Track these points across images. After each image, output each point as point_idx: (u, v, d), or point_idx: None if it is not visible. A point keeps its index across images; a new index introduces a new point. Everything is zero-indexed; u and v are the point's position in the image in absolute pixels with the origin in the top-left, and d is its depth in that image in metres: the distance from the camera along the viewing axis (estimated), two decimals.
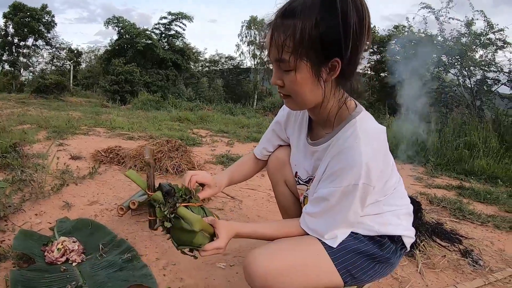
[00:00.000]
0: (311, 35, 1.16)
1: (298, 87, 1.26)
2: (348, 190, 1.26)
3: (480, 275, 2.39)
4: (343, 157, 1.27)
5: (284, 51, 1.20)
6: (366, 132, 1.30)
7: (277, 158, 1.84)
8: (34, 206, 2.78)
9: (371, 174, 1.24)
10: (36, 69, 37.59)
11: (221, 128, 10.06)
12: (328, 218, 1.34)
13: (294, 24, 1.17)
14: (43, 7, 34.28)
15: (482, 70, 10.27)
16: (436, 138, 7.52)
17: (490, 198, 4.37)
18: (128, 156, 4.25)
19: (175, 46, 31.60)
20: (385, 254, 1.44)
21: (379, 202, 1.44)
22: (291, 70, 1.23)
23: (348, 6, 1.12)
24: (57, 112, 11.38)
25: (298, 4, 1.18)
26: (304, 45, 1.17)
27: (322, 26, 1.15)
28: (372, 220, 1.44)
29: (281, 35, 1.19)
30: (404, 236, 1.50)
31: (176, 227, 1.36)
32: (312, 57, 1.19)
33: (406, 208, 1.57)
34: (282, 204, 1.91)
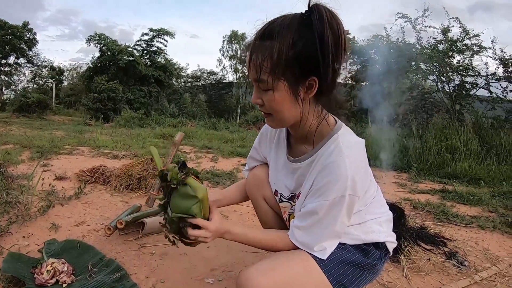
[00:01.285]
0: (288, 55, 1.21)
1: (277, 106, 1.31)
2: (335, 202, 1.30)
3: (465, 275, 2.45)
4: (328, 172, 1.31)
5: (262, 72, 1.25)
6: (348, 146, 1.35)
7: (255, 175, 1.86)
8: (21, 229, 2.79)
9: (356, 186, 1.29)
10: (17, 87, 37.18)
11: (205, 144, 10.06)
12: (316, 230, 1.36)
13: (272, 45, 1.22)
14: (24, 24, 33.98)
15: (460, 75, 10.48)
16: (418, 144, 7.64)
17: (473, 200, 4.48)
18: (113, 176, 4.26)
19: (157, 62, 31.50)
20: (372, 261, 1.49)
21: (361, 212, 1.50)
22: (270, 89, 1.28)
23: (324, 26, 1.18)
24: (40, 132, 11.30)
25: (276, 25, 1.24)
26: (281, 65, 1.22)
27: (298, 46, 1.21)
28: (357, 229, 1.49)
29: (259, 56, 1.25)
30: (387, 242, 1.56)
31: (179, 192, 1.40)
32: (289, 77, 1.25)
33: (386, 215, 1.63)
34: (263, 220, 1.94)
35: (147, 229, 2.81)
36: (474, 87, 10.41)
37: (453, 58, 10.68)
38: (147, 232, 2.82)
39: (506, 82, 9.94)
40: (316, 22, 1.19)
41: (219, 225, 1.43)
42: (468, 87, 10.43)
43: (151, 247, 2.65)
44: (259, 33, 1.28)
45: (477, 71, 10.31)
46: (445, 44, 10.53)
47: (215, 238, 1.44)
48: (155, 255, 2.53)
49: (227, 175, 5.38)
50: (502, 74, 10.00)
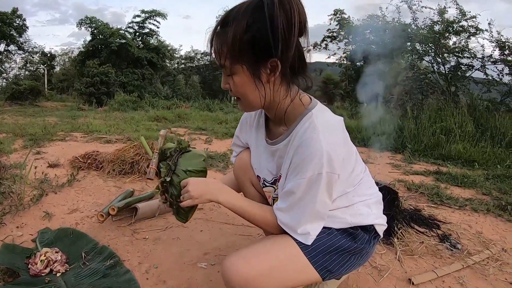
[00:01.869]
0: (243, 39, 1.24)
1: (240, 89, 1.35)
2: (312, 180, 1.29)
3: (458, 259, 2.47)
4: (303, 149, 1.31)
5: (222, 57, 1.30)
6: (323, 123, 1.35)
7: (241, 159, 1.88)
8: (14, 219, 2.78)
9: (333, 162, 1.28)
10: (9, 75, 36.87)
11: (199, 125, 10.06)
12: (297, 210, 1.36)
13: (228, 31, 1.26)
14: (13, 10, 33.55)
15: (456, 56, 10.47)
16: (413, 125, 7.65)
17: (467, 182, 4.49)
18: (106, 161, 4.25)
19: (150, 44, 31.24)
20: (359, 245, 1.50)
21: (348, 194, 1.50)
22: (233, 74, 1.32)
23: (274, 9, 1.19)
24: (33, 119, 11.24)
25: (233, 12, 1.27)
26: (237, 49, 1.25)
27: (253, 29, 1.23)
28: (344, 213, 1.50)
29: (218, 42, 1.30)
30: (376, 225, 1.56)
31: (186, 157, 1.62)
32: (247, 60, 1.28)
33: (376, 197, 1.63)
34: None
35: (140, 214, 2.81)
36: (470, 69, 10.41)
37: (449, 39, 10.67)
38: (140, 217, 2.83)
39: (502, 65, 9.94)
40: (266, 4, 1.21)
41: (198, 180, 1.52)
42: (463, 69, 10.44)
43: (144, 233, 2.66)
44: (218, 21, 1.32)
45: (473, 53, 10.30)
46: (441, 25, 10.49)
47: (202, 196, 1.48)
48: (148, 240, 2.54)
49: (221, 157, 5.37)
50: (498, 57, 10.01)
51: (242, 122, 1.84)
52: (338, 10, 29.41)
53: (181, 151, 1.63)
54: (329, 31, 30.33)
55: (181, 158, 1.61)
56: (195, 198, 1.47)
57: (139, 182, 3.90)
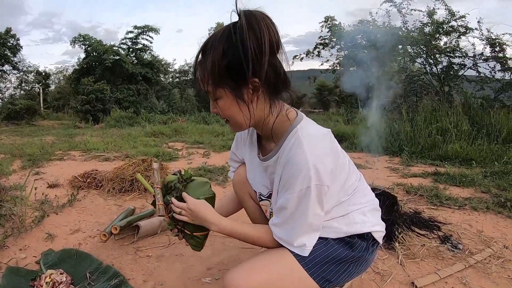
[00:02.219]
0: (221, 65, 1.30)
1: (227, 112, 1.41)
2: (301, 194, 1.32)
3: (460, 259, 2.49)
4: (290, 166, 1.35)
5: (205, 84, 1.37)
6: (308, 137, 1.39)
7: (239, 175, 1.92)
8: (17, 241, 2.79)
9: (320, 175, 1.31)
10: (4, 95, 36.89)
11: (196, 139, 10.06)
12: (291, 224, 1.38)
13: (207, 59, 1.33)
14: (7, 30, 33.62)
15: (447, 56, 10.54)
16: (409, 127, 7.69)
17: (465, 181, 4.53)
18: (106, 179, 4.26)
19: (144, 59, 31.31)
20: (357, 254, 1.52)
21: (343, 203, 1.53)
22: (218, 98, 1.39)
23: (244, 32, 1.25)
24: (30, 139, 11.24)
25: (210, 40, 1.35)
26: (217, 75, 1.32)
27: (228, 55, 1.29)
28: (339, 222, 1.52)
29: (200, 71, 1.37)
30: (373, 232, 1.58)
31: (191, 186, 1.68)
32: (229, 83, 1.33)
33: (371, 204, 1.65)
34: (252, 217, 1.98)
35: (142, 232, 2.82)
36: (462, 68, 10.50)
37: (439, 40, 10.76)
38: (142, 235, 2.84)
39: (493, 61, 10.03)
40: (238, 29, 1.27)
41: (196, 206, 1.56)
42: (456, 68, 10.52)
43: (147, 250, 2.67)
44: (199, 51, 1.39)
45: (465, 52, 10.40)
46: (431, 26, 10.58)
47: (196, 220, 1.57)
48: (151, 257, 2.55)
49: (219, 170, 5.39)
50: (490, 54, 10.09)
51: (237, 138, 1.89)
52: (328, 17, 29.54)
53: (186, 182, 1.68)
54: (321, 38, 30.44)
55: (187, 188, 1.66)
56: (190, 218, 1.57)
57: (140, 199, 3.91)
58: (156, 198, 1.63)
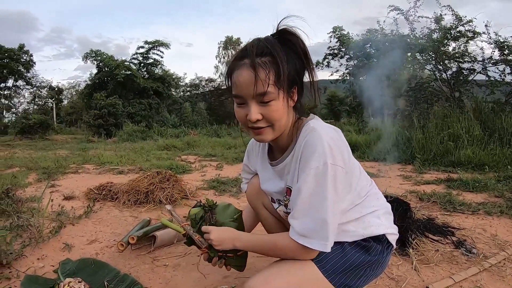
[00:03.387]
0: (285, 68, 1.35)
1: (278, 114, 1.41)
2: (318, 171, 1.33)
3: (474, 263, 2.48)
4: (306, 148, 1.39)
5: (269, 84, 1.35)
6: (320, 126, 1.45)
7: (252, 185, 1.94)
8: (35, 251, 2.82)
9: (334, 153, 1.34)
10: (18, 109, 37.46)
11: (208, 152, 10.14)
12: (309, 209, 1.36)
13: (272, 59, 1.35)
14: (20, 47, 34.20)
15: (456, 62, 10.50)
16: (420, 135, 7.64)
17: (478, 186, 4.51)
18: (121, 191, 4.31)
19: (155, 74, 31.60)
20: (373, 257, 1.53)
21: (357, 206, 1.55)
22: (272, 100, 1.38)
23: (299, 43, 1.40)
24: (44, 152, 11.36)
25: (264, 44, 1.38)
26: (281, 77, 1.35)
27: (290, 61, 1.38)
28: (355, 226, 1.54)
29: (264, 70, 1.35)
30: (387, 234, 1.59)
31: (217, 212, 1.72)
32: (286, 87, 1.39)
33: (384, 208, 1.67)
34: (266, 227, 2.00)
35: (158, 242, 2.85)
36: (472, 72, 10.45)
37: (448, 46, 10.73)
38: (159, 245, 2.86)
39: (503, 65, 9.97)
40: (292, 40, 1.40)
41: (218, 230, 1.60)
42: (465, 73, 10.48)
43: (164, 260, 2.69)
44: (252, 51, 1.37)
45: (473, 57, 10.36)
46: (439, 32, 10.57)
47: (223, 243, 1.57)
48: (168, 267, 2.57)
49: (232, 182, 5.42)
50: (499, 58, 10.03)
51: (249, 151, 1.94)
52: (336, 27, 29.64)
53: (211, 208, 1.73)
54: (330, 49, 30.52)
55: (216, 215, 1.71)
56: (216, 246, 1.58)
57: (155, 211, 3.94)
58: (190, 235, 1.66)
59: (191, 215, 1.72)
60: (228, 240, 1.56)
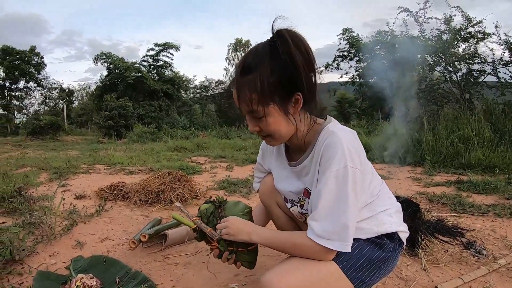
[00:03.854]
0: (270, 82, 1.35)
1: (273, 128, 1.45)
2: (339, 174, 1.34)
3: (484, 264, 2.47)
4: (326, 151, 1.40)
5: (253, 104, 1.39)
6: (339, 129, 1.46)
7: (266, 183, 1.95)
8: (47, 248, 2.86)
9: (353, 156, 1.36)
10: (29, 111, 37.78)
11: (218, 153, 10.16)
12: (331, 212, 1.36)
13: (254, 78, 1.36)
14: (31, 49, 34.54)
15: (466, 63, 10.44)
16: (430, 137, 7.61)
17: (488, 188, 4.48)
18: (132, 191, 4.34)
19: (165, 76, 31.73)
20: (387, 254, 1.54)
21: (370, 204, 1.57)
22: (262, 116, 1.42)
23: (291, 49, 1.33)
24: (55, 153, 11.45)
25: (251, 59, 1.40)
26: (267, 93, 1.37)
27: (276, 72, 1.36)
28: (369, 223, 1.56)
29: (246, 91, 1.39)
30: (399, 232, 1.61)
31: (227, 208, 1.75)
32: (277, 100, 1.39)
33: (395, 207, 1.69)
34: (279, 225, 2.01)
35: (169, 240, 2.87)
36: (482, 74, 10.39)
37: (458, 47, 10.69)
38: (170, 243, 2.88)
39: None
40: (283, 47, 1.34)
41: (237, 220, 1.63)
42: (475, 75, 10.42)
43: (175, 258, 2.71)
44: (238, 70, 1.43)
45: (484, 58, 10.30)
46: (449, 34, 10.53)
47: (239, 233, 1.59)
48: (179, 265, 2.59)
49: (243, 182, 5.44)
50: (509, 59, 9.97)
51: (263, 149, 1.95)
52: (346, 29, 29.66)
53: (221, 205, 1.76)
54: (340, 51, 30.53)
55: (225, 210, 1.73)
56: (231, 235, 1.58)
57: (166, 210, 3.97)
58: (202, 228, 1.68)
59: (201, 210, 1.75)
60: (245, 231, 1.58)
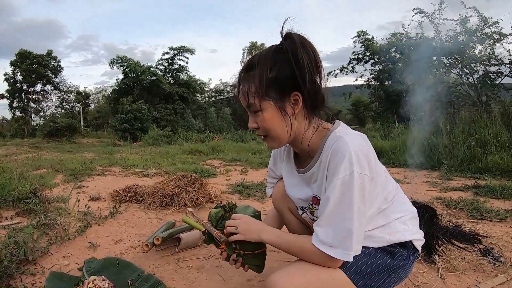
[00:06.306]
0: (268, 77, 1.39)
1: (268, 124, 1.46)
2: (345, 180, 1.31)
3: (501, 271, 2.41)
4: (334, 154, 1.36)
5: (250, 96, 1.44)
6: (346, 133, 1.43)
7: (279, 188, 1.93)
8: (60, 249, 2.86)
9: (361, 162, 1.32)
10: (46, 113, 38.25)
11: (233, 156, 10.17)
12: (335, 219, 1.34)
13: (254, 73, 1.42)
14: (48, 53, 35.04)
15: (483, 65, 10.35)
16: (447, 140, 7.51)
17: (506, 193, 4.42)
18: (147, 194, 4.34)
19: (180, 79, 31.91)
20: (399, 263, 1.50)
21: (385, 211, 1.53)
22: (259, 110, 1.44)
23: (297, 47, 1.36)
24: (71, 155, 11.54)
25: (256, 57, 1.44)
26: (263, 87, 1.40)
27: (276, 69, 1.39)
28: (381, 232, 1.52)
29: (245, 84, 1.45)
30: (414, 240, 1.57)
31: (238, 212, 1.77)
32: (273, 95, 1.41)
33: (410, 213, 1.64)
34: (291, 230, 1.98)
35: (183, 243, 2.86)
36: (499, 76, 10.29)
37: (474, 48, 10.58)
38: (183, 246, 2.87)
39: None
40: (289, 46, 1.38)
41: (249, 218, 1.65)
42: (492, 76, 10.31)
43: (188, 261, 2.69)
44: (243, 68, 1.49)
45: (500, 59, 10.20)
46: (465, 35, 10.44)
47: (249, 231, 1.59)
48: (192, 268, 2.57)
49: (257, 186, 5.41)
50: None
51: (274, 155, 1.93)
52: (361, 31, 29.61)
53: (231, 209, 1.78)
54: (354, 54, 30.48)
55: (235, 214, 1.73)
56: (242, 233, 1.58)
57: (180, 213, 3.95)
58: (210, 231, 1.71)
59: (211, 215, 1.78)
60: (255, 231, 1.57)
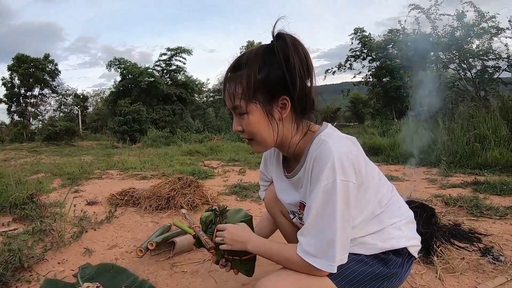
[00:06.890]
0: (256, 79, 1.33)
1: (254, 128, 1.40)
2: (328, 189, 1.26)
3: (502, 272, 2.38)
4: (317, 162, 1.31)
5: (236, 98, 1.38)
6: (330, 136, 1.37)
7: (271, 192, 1.91)
8: (56, 255, 2.85)
9: (346, 169, 1.26)
10: (44, 117, 38.21)
11: (231, 156, 10.17)
12: (317, 229, 1.30)
13: (241, 73, 1.36)
14: (45, 56, 35.02)
15: (481, 60, 10.34)
16: (446, 136, 7.50)
17: (506, 189, 4.40)
18: (143, 197, 4.33)
19: (178, 80, 31.89)
20: (392, 270, 1.45)
21: (378, 216, 1.47)
22: (245, 113, 1.39)
23: (288, 50, 1.30)
24: (69, 158, 11.53)
25: (244, 57, 1.38)
26: (251, 89, 1.34)
27: (265, 70, 1.33)
28: (374, 238, 1.46)
29: (231, 84, 1.39)
30: (409, 247, 1.51)
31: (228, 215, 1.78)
32: (261, 99, 1.36)
33: (407, 217, 1.58)
34: (285, 234, 1.98)
35: (178, 248, 2.84)
36: (497, 70, 10.27)
37: (471, 43, 10.57)
38: (178, 251, 2.85)
39: None
40: (280, 48, 1.32)
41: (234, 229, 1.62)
42: (490, 71, 10.30)
43: (183, 266, 2.67)
44: (230, 67, 1.43)
45: (498, 54, 10.18)
46: (462, 30, 10.42)
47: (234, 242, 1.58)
48: (186, 273, 2.56)
49: (255, 187, 5.39)
50: None
51: (265, 158, 1.89)
52: (358, 28, 29.59)
53: (222, 213, 1.77)
54: (352, 51, 30.48)
55: (226, 219, 1.76)
56: (228, 244, 1.58)
57: (176, 216, 3.95)
58: (199, 235, 1.69)
59: (202, 219, 1.75)
60: (241, 241, 1.56)
